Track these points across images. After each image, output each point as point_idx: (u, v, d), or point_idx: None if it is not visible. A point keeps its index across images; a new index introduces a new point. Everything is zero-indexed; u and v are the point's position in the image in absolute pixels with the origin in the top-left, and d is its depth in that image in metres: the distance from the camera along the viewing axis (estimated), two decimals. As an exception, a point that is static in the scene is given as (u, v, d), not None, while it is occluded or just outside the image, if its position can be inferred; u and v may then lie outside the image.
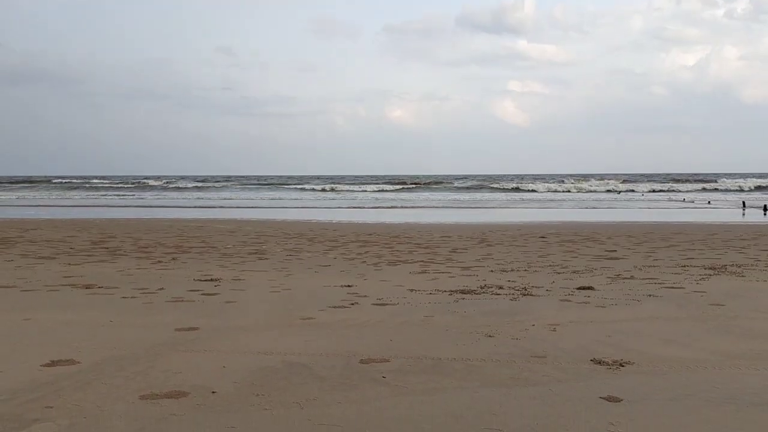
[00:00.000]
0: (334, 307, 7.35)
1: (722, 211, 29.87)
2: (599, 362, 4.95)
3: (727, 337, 5.77)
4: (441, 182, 72.41)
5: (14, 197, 49.60)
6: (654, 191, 56.30)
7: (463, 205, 36.10)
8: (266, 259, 12.46)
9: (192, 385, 4.40)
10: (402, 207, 33.74)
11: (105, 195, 53.50)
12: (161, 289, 8.69)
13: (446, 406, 3.99)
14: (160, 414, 3.82)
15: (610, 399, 4.09)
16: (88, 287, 8.81)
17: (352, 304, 7.55)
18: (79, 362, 4.95)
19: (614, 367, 4.83)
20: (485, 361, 5.03)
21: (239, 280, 9.64)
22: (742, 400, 4.04)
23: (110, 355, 5.18)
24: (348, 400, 4.10)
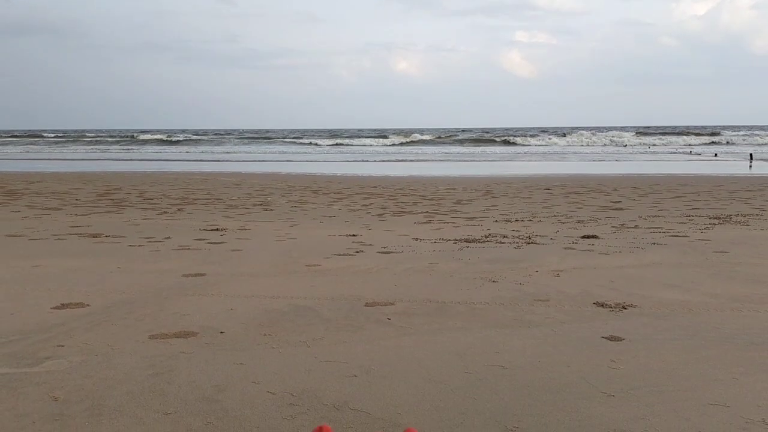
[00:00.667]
0: (339, 255, 7.40)
1: (729, 163, 29.58)
2: (602, 305, 5.00)
3: (730, 282, 5.79)
4: (447, 135, 71.75)
5: (19, 150, 49.53)
6: (659, 144, 55.64)
7: (468, 158, 35.86)
8: (271, 210, 12.50)
9: (200, 326, 4.48)
10: (406, 160, 33.56)
11: (107, 149, 53.33)
12: (167, 238, 8.75)
13: (450, 345, 4.06)
14: (170, 352, 3.91)
15: (612, 338, 4.15)
16: (94, 236, 8.88)
17: (357, 252, 7.60)
18: (88, 305, 5.04)
19: (617, 309, 4.88)
20: (489, 304, 5.08)
21: (245, 230, 9.69)
22: (743, 340, 4.08)
23: (119, 299, 5.26)
24: (354, 340, 4.18)
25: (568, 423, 2.87)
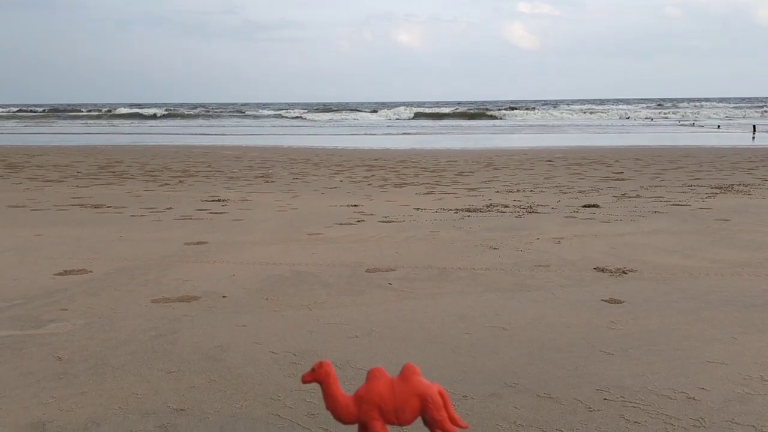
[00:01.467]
0: (341, 224, 7.40)
1: (732, 135, 29.36)
2: (602, 270, 5.01)
3: (731, 248, 5.80)
4: (449, 107, 71.16)
5: (17, 125, 49.31)
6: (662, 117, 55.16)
7: (469, 131, 35.64)
8: (272, 182, 12.47)
9: (203, 290, 4.50)
10: (407, 134, 33.36)
11: (101, 123, 52.95)
12: (169, 208, 8.76)
13: (451, 308, 4.08)
14: (173, 315, 3.93)
15: (612, 301, 4.17)
16: (96, 207, 8.89)
17: (358, 221, 7.60)
18: (90, 271, 5.06)
19: (617, 274, 4.89)
20: (490, 270, 5.10)
21: (246, 201, 9.68)
22: (743, 302, 4.10)
23: (121, 265, 5.28)
24: (355, 303, 4.20)
25: (567, 379, 2.89)
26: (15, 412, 2.59)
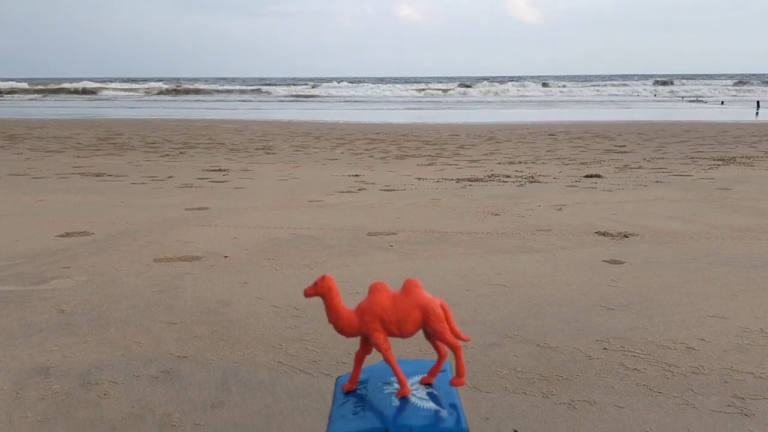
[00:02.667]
0: (342, 192, 7.39)
1: (736, 110, 29.13)
2: (603, 234, 5.01)
3: (732, 215, 5.78)
4: (451, 81, 70.47)
5: (17, 98, 49.01)
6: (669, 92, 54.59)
7: (471, 107, 35.39)
8: (274, 153, 12.42)
9: (204, 251, 4.51)
10: (408, 109, 33.14)
11: (114, 96, 52.51)
12: (170, 177, 8.74)
13: (452, 267, 4.09)
14: (175, 273, 3.94)
15: (613, 262, 4.17)
16: (97, 175, 8.87)
17: (360, 189, 7.59)
18: (92, 233, 5.07)
19: (618, 237, 4.89)
20: (491, 234, 5.10)
21: (247, 170, 9.66)
22: (743, 263, 4.10)
23: (123, 228, 5.28)
24: (356, 263, 4.21)
25: (566, 331, 2.91)
26: (19, 359, 2.61)
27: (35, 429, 2.03)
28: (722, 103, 36.29)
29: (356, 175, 9.06)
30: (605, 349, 2.69)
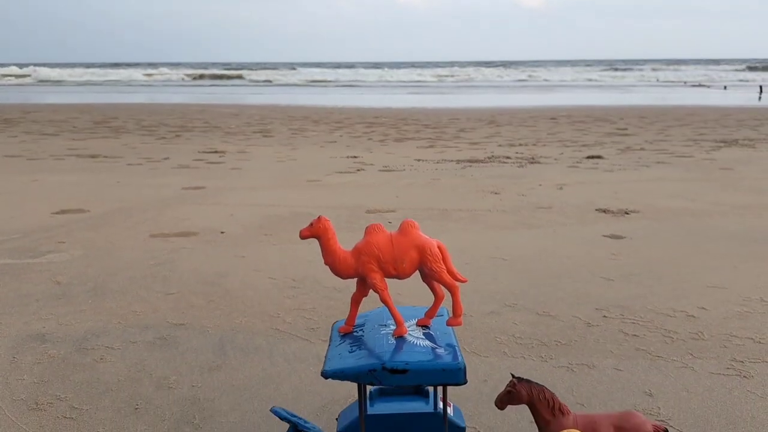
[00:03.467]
0: (341, 172, 7.35)
1: (738, 95, 28.99)
2: (604, 211, 4.98)
3: (734, 193, 5.75)
4: (451, 65, 69.93)
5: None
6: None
7: (472, 91, 35.22)
8: (271, 136, 12.34)
9: (201, 227, 4.48)
10: (408, 93, 32.95)
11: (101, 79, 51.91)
12: (166, 158, 8.68)
13: (452, 242, 4.04)
14: (171, 247, 3.91)
15: (613, 236, 4.14)
16: (93, 157, 8.81)
17: (358, 170, 7.54)
18: (88, 211, 5.03)
19: (619, 214, 4.86)
20: (491, 211, 5.07)
21: (244, 152, 9.59)
22: (744, 238, 4.07)
23: (118, 206, 5.24)
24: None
25: (566, 299, 2.89)
26: (15, 326, 2.59)
27: (32, 391, 2.01)
28: (725, 88, 36.03)
29: (355, 157, 9.00)
30: (604, 316, 2.67)
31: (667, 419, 1.87)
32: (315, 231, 1.57)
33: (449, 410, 1.55)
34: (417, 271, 1.55)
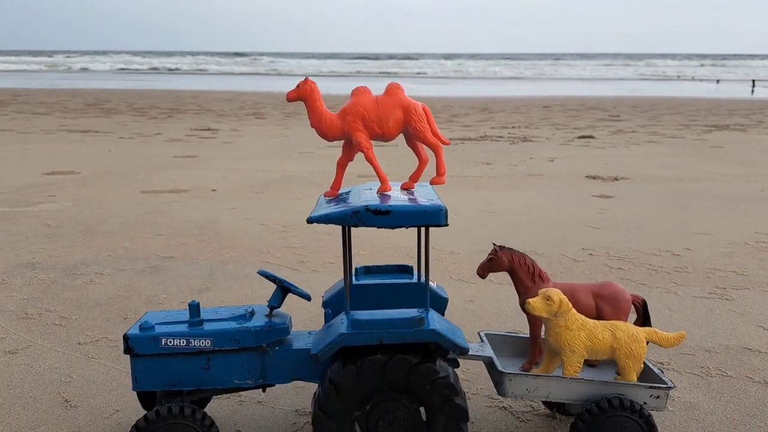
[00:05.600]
0: (333, 147, 7.35)
1: (731, 88, 29.16)
2: (594, 177, 5.02)
3: (723, 165, 5.81)
4: (449, 59, 69.83)
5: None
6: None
7: (465, 82, 35.22)
8: (264, 118, 12.32)
9: (192, 186, 4.47)
10: (402, 80, 32.88)
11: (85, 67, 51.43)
12: (158, 134, 8.65)
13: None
14: (162, 202, 3.91)
15: (602, 196, 4.18)
16: (84, 132, 8.76)
17: (351, 145, 7.56)
18: (79, 173, 5.01)
19: (609, 180, 4.90)
20: (482, 177, 5.10)
21: (237, 130, 9.57)
22: (733, 198, 4.12)
23: (110, 169, 5.23)
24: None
25: (553, 242, 2.92)
26: (6, 258, 2.59)
27: (21, 305, 2.02)
28: (718, 81, 36.14)
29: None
30: (591, 255, 2.70)
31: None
32: (301, 92, 1.57)
33: (432, 285, 1.57)
34: (401, 133, 1.57)
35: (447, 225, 1.40)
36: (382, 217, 1.35)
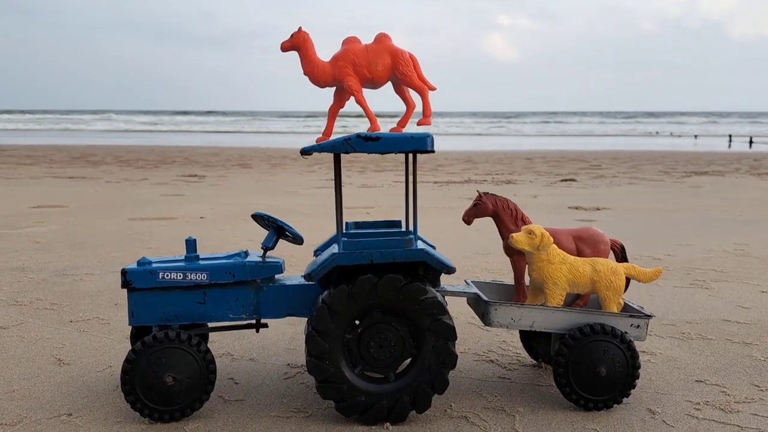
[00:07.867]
0: (319, 187, 7.45)
1: (709, 142, 30.17)
2: (576, 208, 5.13)
3: (702, 200, 5.97)
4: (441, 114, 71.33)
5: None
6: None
7: (449, 136, 36.00)
8: (251, 168, 12.46)
9: (180, 215, 4.49)
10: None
11: (84, 126, 51.80)
12: (144, 179, 8.70)
13: (428, 221, 4.14)
14: (151, 225, 3.92)
15: (585, 220, 4.27)
16: (71, 178, 8.79)
17: (338, 187, 7.67)
18: (66, 206, 5.01)
19: (591, 209, 5.01)
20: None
21: (223, 177, 9.66)
22: (714, 222, 4.23)
23: (96, 203, 5.24)
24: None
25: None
26: (-11, 266, 2.57)
27: (11, 296, 2.00)
28: (695, 137, 37.35)
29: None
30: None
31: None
32: (295, 41, 1.63)
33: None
34: (390, 81, 1.63)
35: (433, 151, 1.50)
36: (372, 143, 1.44)
